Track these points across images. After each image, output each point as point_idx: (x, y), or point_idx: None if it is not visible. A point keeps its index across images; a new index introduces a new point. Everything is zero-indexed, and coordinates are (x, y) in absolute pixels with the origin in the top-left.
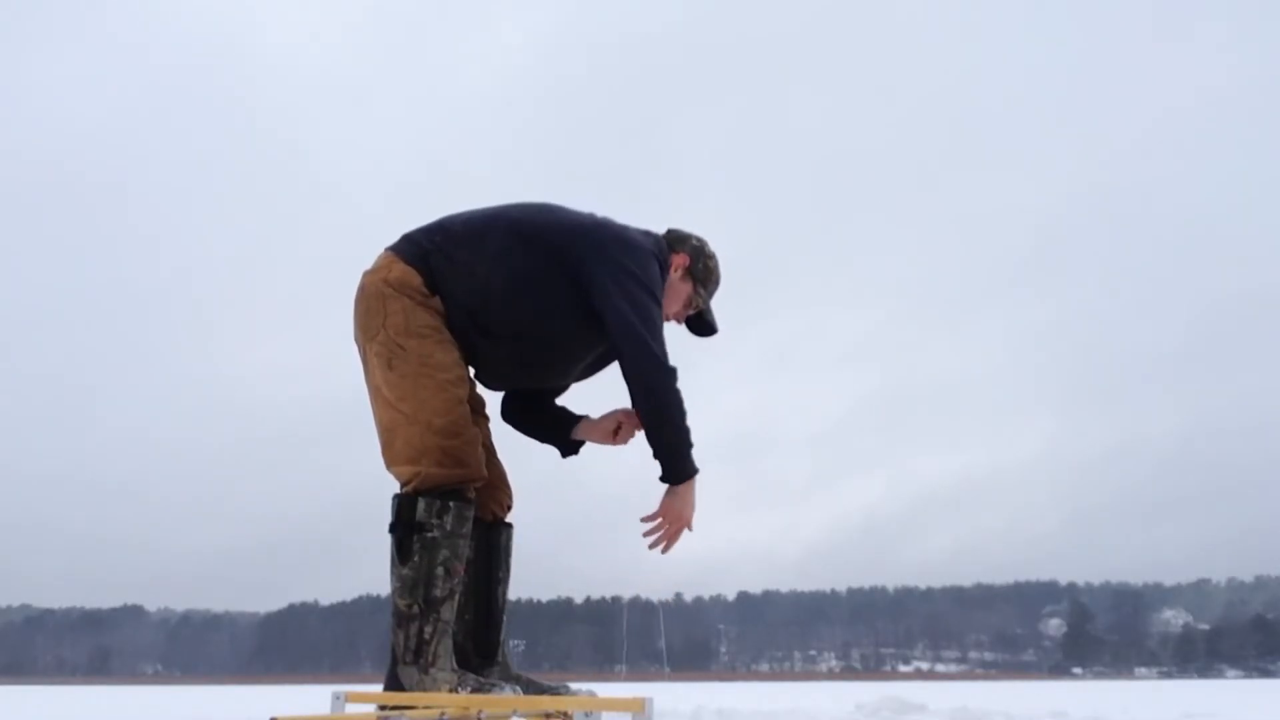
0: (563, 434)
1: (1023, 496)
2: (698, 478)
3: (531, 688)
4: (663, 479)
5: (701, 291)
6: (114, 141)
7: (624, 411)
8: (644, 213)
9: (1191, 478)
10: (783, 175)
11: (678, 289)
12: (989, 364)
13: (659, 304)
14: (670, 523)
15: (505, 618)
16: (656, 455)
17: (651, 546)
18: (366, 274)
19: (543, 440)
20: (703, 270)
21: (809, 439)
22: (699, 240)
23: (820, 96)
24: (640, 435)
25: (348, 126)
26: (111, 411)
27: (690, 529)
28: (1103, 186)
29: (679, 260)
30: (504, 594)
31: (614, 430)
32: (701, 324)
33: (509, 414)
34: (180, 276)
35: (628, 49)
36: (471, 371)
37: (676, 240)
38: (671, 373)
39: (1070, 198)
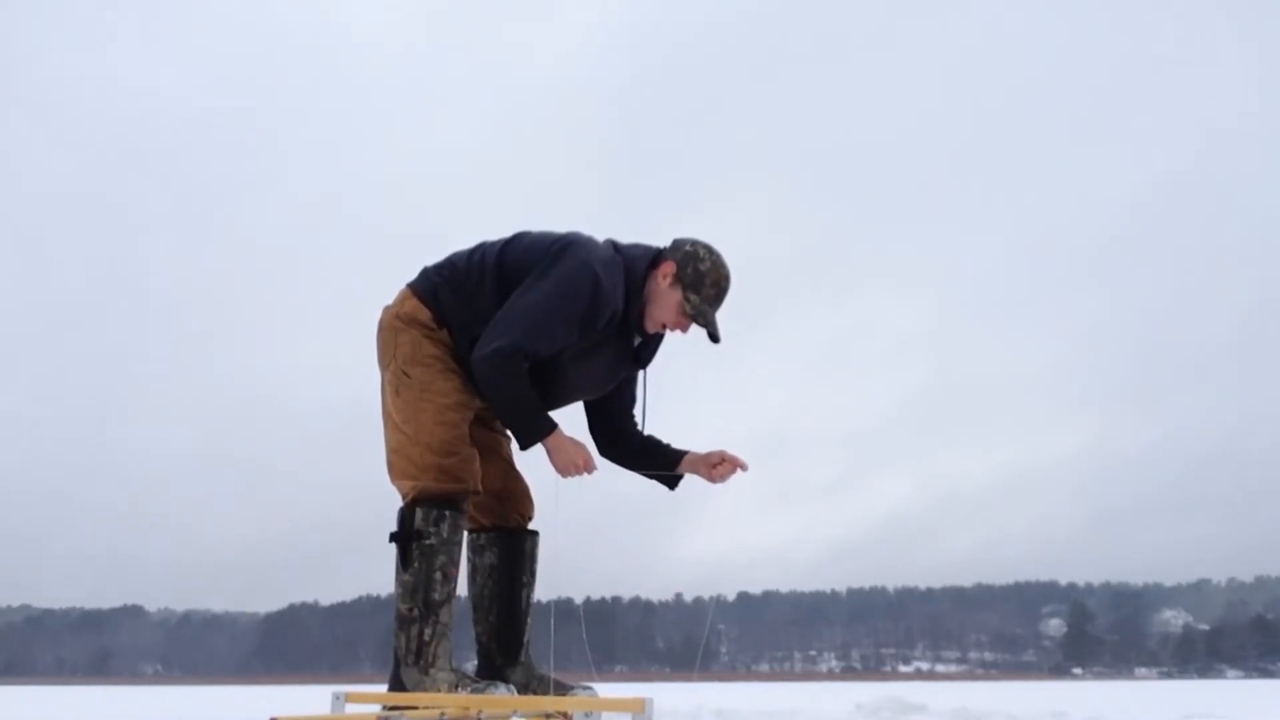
0: (663, 467)
1: (1047, 499)
2: (560, 431)
3: (557, 688)
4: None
5: (692, 297)
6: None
7: (724, 452)
8: (701, 204)
9: (1216, 480)
10: (842, 170)
11: (666, 296)
12: (1038, 363)
13: (552, 308)
14: (563, 474)
15: (530, 620)
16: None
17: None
18: (384, 308)
19: (645, 474)
20: (691, 274)
21: (847, 437)
22: (692, 246)
23: (880, 91)
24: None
25: (390, 129)
26: (118, 417)
27: (589, 470)
28: (1170, 186)
29: (665, 268)
30: (528, 598)
31: (715, 465)
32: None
33: (607, 454)
34: (199, 280)
35: (695, 40)
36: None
37: (670, 249)
38: (489, 361)
39: (1135, 197)
